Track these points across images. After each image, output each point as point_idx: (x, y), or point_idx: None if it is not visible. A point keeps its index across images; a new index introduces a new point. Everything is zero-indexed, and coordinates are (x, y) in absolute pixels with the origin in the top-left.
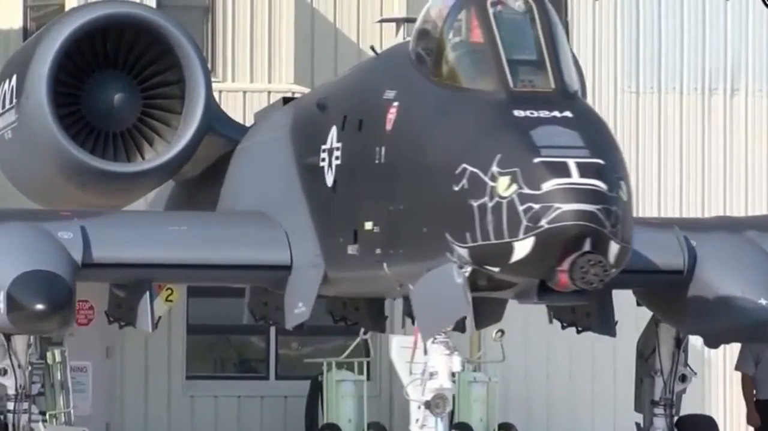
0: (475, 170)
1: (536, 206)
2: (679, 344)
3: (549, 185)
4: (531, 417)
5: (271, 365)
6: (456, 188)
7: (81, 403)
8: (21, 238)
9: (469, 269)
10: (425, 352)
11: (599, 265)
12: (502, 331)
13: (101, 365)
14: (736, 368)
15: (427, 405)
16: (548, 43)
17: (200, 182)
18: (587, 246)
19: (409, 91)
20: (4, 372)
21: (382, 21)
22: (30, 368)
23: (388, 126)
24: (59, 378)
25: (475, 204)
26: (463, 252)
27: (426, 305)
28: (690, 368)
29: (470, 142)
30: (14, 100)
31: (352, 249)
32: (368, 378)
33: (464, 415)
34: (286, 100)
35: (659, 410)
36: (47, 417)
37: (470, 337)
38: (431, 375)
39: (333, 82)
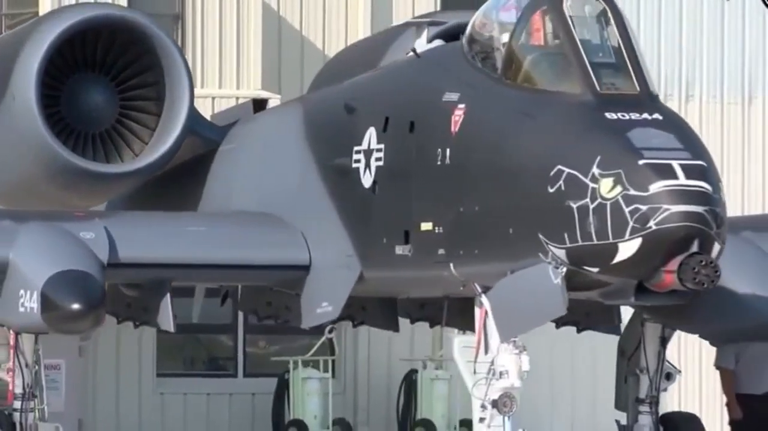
0: (573, 171)
1: (644, 208)
2: (664, 342)
3: (656, 186)
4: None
5: (239, 363)
6: (551, 190)
7: (54, 400)
8: (48, 238)
9: (564, 269)
10: (486, 351)
11: (710, 266)
12: (460, 330)
13: (74, 363)
14: (716, 364)
15: (494, 403)
16: (627, 46)
17: (168, 181)
18: (695, 247)
19: (476, 93)
20: (10, 372)
21: (407, 24)
22: (36, 368)
23: (454, 128)
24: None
25: (574, 206)
26: (560, 253)
27: (510, 305)
28: (674, 366)
29: (564, 144)
30: None
31: (401, 250)
32: (333, 376)
33: (427, 412)
34: (256, 103)
35: (644, 408)
36: (25, 409)
37: (432, 336)
38: (501, 374)
39: (354, 83)
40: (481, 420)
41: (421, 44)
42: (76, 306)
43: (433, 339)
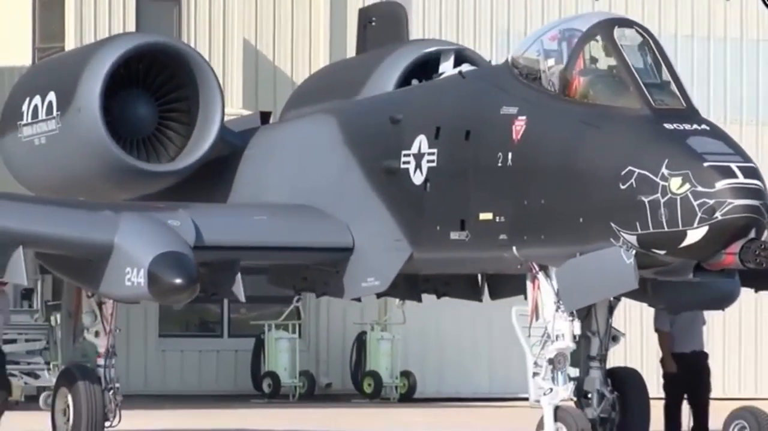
0: (643, 171)
1: (710, 201)
2: (611, 310)
3: (721, 184)
4: (425, 366)
5: (225, 326)
6: (623, 187)
7: None
8: (145, 225)
9: (634, 251)
10: (537, 318)
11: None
12: (403, 301)
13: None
14: (655, 327)
15: (551, 361)
16: (669, 68)
17: (196, 178)
18: (752, 234)
19: (536, 107)
20: (97, 334)
21: (442, 50)
22: (112, 330)
23: (516, 136)
24: (59, 336)
25: (646, 200)
26: (631, 238)
27: (578, 280)
28: (618, 330)
29: (633, 149)
30: (56, 113)
31: (458, 235)
32: (300, 336)
33: (374, 365)
34: (262, 114)
35: (595, 364)
36: (50, 366)
37: (378, 305)
38: (557, 337)
39: (393, 99)
40: (535, 375)
41: (448, 67)
42: (178, 281)
43: (379, 307)
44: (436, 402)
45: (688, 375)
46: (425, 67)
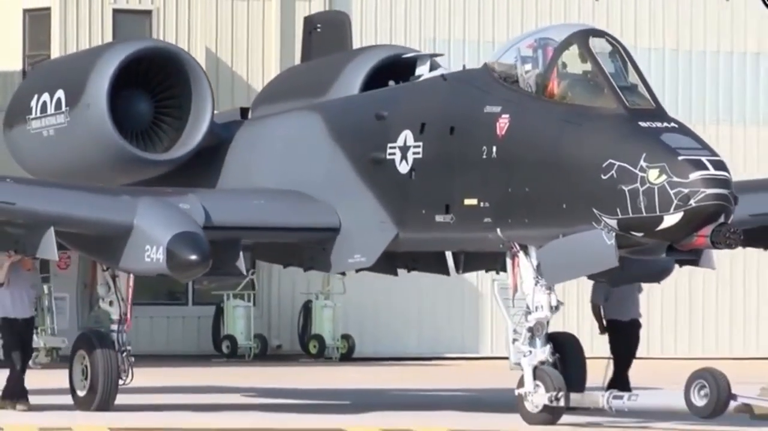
0: (623, 164)
1: (685, 190)
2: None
3: (694, 175)
4: (362, 330)
5: (190, 295)
6: (604, 177)
7: (61, 321)
8: (161, 208)
9: (614, 233)
10: (516, 290)
11: (736, 233)
12: (344, 273)
13: (75, 296)
14: (591, 300)
15: (530, 329)
16: (638, 73)
17: (185, 166)
18: (722, 219)
19: (518, 106)
20: (111, 304)
21: (418, 56)
22: (124, 300)
23: (500, 132)
24: (47, 304)
25: (626, 188)
26: (612, 222)
27: (560, 258)
28: (559, 299)
29: (613, 143)
30: (65, 108)
31: (442, 218)
32: (254, 305)
33: (318, 329)
34: (242, 110)
35: None
36: (38, 330)
37: (322, 277)
38: (536, 308)
39: (376, 98)
40: (514, 340)
41: (424, 70)
42: (194, 257)
43: (322, 279)
44: (372, 361)
45: (623, 338)
46: (384, 71)
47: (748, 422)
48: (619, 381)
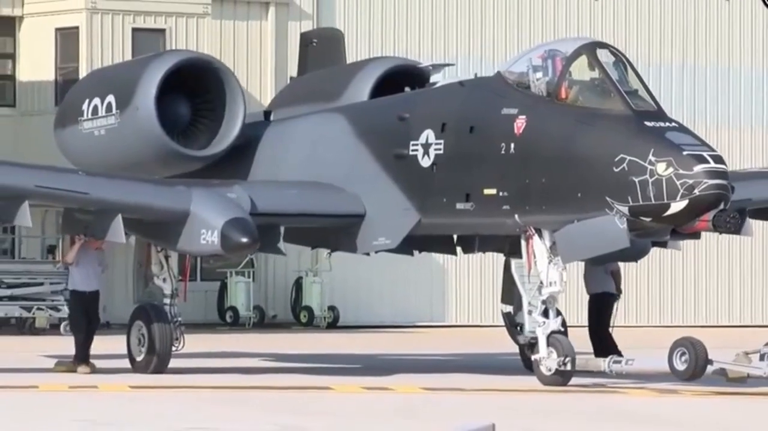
0: (634, 158)
1: (690, 181)
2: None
3: (698, 168)
4: (346, 302)
5: (198, 272)
6: (616, 170)
7: None
8: (213, 197)
9: (625, 219)
10: (531, 268)
11: (735, 218)
12: (330, 253)
13: (132, 273)
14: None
15: (544, 302)
16: (639, 78)
17: (218, 162)
18: (722, 206)
19: (533, 109)
20: (164, 280)
21: (432, 65)
22: (175, 277)
23: (518, 131)
24: None
25: (636, 180)
26: (624, 209)
27: (575, 240)
28: None
29: (623, 141)
30: (115, 111)
31: (463, 206)
32: (253, 280)
33: (308, 301)
34: (265, 113)
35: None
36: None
37: (311, 256)
38: (550, 283)
39: (397, 101)
40: (530, 312)
41: (439, 77)
42: (245, 240)
43: (311, 258)
44: (354, 329)
45: (597, 308)
46: (388, 80)
47: (724, 383)
48: (612, 349)
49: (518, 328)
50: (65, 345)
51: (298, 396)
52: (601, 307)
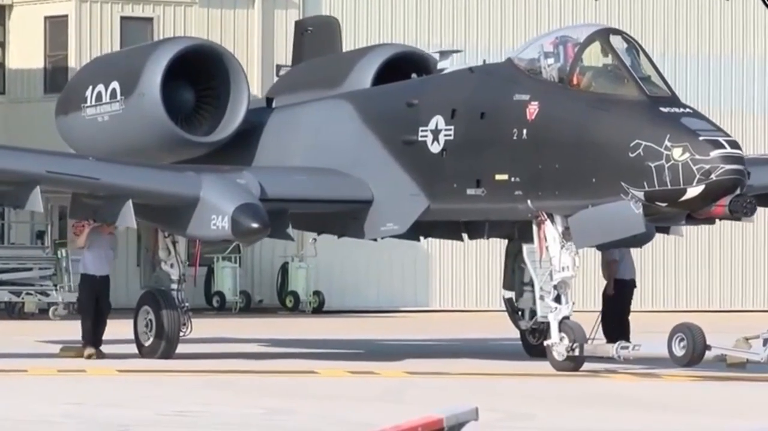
0: (649, 143)
1: (706, 166)
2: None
3: (715, 153)
4: (330, 287)
5: (186, 257)
6: (632, 155)
7: (77, 279)
8: (223, 183)
9: (641, 204)
10: (542, 254)
11: (751, 203)
12: (315, 239)
13: (137, 258)
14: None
15: (556, 287)
16: (653, 66)
17: (222, 147)
18: (738, 191)
19: (546, 95)
20: (172, 266)
21: (440, 52)
22: (182, 262)
23: (530, 117)
24: (65, 265)
25: (652, 165)
26: (639, 194)
27: (590, 225)
28: None
29: (639, 126)
30: (120, 97)
31: (473, 191)
32: (240, 266)
33: (294, 286)
34: (267, 99)
35: (527, 288)
36: (57, 287)
37: (297, 242)
38: (563, 268)
39: (405, 88)
40: (542, 297)
41: (447, 64)
42: (255, 225)
43: (297, 244)
44: (339, 313)
45: (624, 295)
46: (391, 67)
47: (723, 368)
48: (625, 335)
49: (520, 314)
50: (55, 329)
51: (284, 381)
52: (627, 293)
